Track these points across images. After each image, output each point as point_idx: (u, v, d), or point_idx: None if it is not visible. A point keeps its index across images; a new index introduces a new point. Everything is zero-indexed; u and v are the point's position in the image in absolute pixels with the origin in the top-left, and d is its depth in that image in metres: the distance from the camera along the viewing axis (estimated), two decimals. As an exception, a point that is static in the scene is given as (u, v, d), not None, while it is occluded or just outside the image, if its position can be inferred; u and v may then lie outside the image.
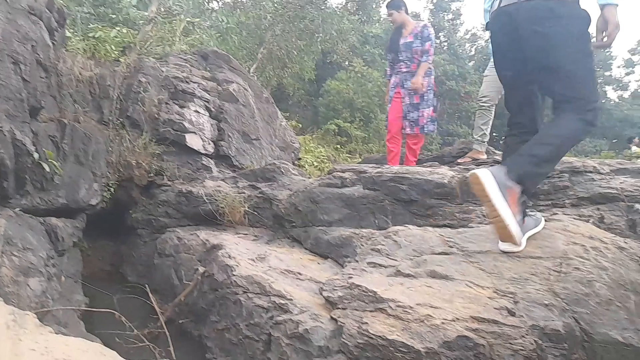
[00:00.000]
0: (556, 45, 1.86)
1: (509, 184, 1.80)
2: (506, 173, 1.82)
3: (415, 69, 4.43)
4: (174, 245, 3.26)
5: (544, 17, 1.87)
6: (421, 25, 4.48)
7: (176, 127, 4.33)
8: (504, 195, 1.77)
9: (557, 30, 1.85)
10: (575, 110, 1.87)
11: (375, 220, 3.04)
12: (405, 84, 4.44)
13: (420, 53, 4.39)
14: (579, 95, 1.88)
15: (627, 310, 1.59)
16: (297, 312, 1.96)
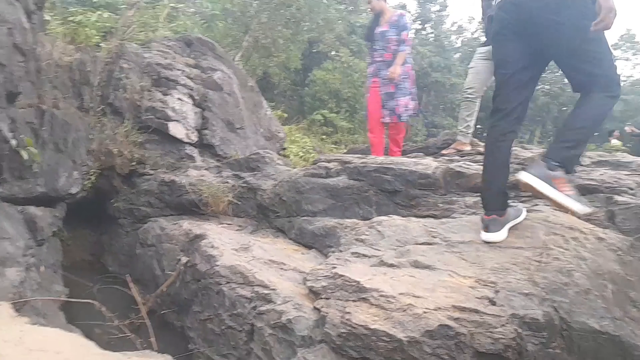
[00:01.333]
0: (576, 30, 1.90)
1: (553, 174, 1.94)
2: (546, 166, 1.96)
3: (389, 58, 4.38)
4: (156, 235, 3.22)
5: (557, 5, 1.92)
6: (397, 14, 4.42)
7: (159, 115, 4.25)
8: (553, 187, 1.93)
9: (573, 16, 1.90)
10: (602, 88, 1.96)
11: (359, 211, 3.04)
12: (380, 73, 4.40)
13: (396, 42, 4.33)
14: (605, 72, 1.96)
15: (604, 299, 1.62)
16: (281, 302, 1.95)
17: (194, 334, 2.34)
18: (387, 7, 4.49)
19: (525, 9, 2.00)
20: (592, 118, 1.99)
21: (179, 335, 2.54)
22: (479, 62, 4.03)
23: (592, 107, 1.98)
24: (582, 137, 2.01)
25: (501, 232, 2.05)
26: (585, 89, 2.01)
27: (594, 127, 2.01)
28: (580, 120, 2.00)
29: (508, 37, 2.10)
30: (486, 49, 3.98)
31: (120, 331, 2.40)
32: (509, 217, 2.08)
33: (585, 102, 2.00)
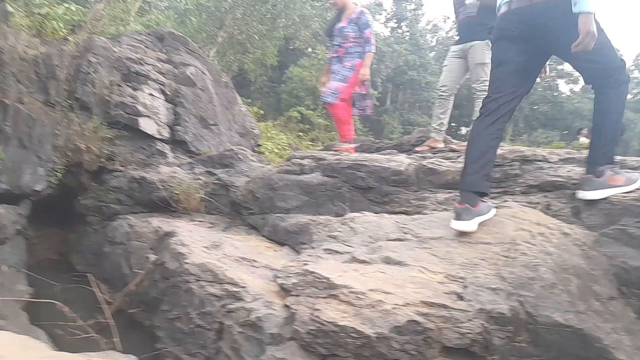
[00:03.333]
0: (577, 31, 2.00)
1: (603, 178, 2.15)
2: (594, 176, 2.18)
3: (341, 53, 4.37)
4: (125, 233, 3.14)
5: (560, 12, 2.04)
6: (357, 12, 4.38)
7: (129, 111, 4.15)
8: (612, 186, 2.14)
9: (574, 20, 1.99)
10: (613, 82, 2.14)
11: (333, 207, 3.04)
12: (333, 68, 4.40)
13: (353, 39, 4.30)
14: (613, 63, 2.14)
15: (569, 293, 1.65)
16: (250, 299, 1.93)
17: (162, 333, 2.29)
18: (349, 4, 4.46)
19: (530, 17, 2.15)
20: (615, 117, 2.19)
21: (147, 334, 2.48)
22: (452, 60, 4.08)
23: (612, 106, 2.18)
24: (615, 134, 2.22)
25: (472, 222, 2.08)
26: (595, 82, 2.18)
27: (619, 121, 2.22)
28: (607, 123, 2.20)
29: (508, 43, 2.26)
30: (459, 47, 4.03)
31: (86, 331, 2.33)
32: (481, 210, 2.12)
33: (603, 104, 2.19)
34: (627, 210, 2.06)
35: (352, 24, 4.33)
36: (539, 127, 23.37)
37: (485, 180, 2.21)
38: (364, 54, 4.34)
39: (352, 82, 4.32)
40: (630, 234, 1.92)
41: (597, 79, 2.18)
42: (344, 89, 4.30)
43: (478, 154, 2.21)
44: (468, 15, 3.90)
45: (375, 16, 22.03)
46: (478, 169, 2.19)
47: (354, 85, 4.34)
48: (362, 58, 4.34)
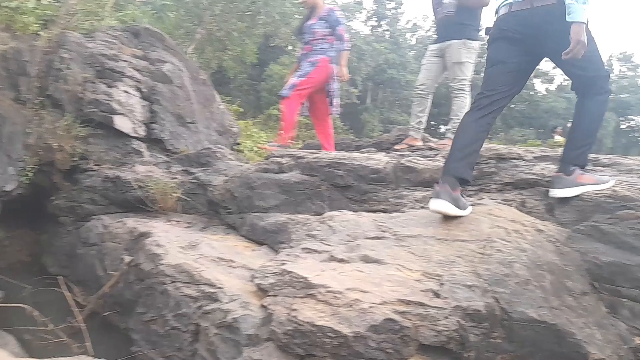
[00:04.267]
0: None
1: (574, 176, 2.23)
2: (564, 174, 2.25)
3: (308, 50, 4.38)
4: (99, 234, 3.07)
5: (558, 18, 2.10)
6: (327, 9, 4.37)
7: (103, 108, 4.04)
8: (581, 184, 2.20)
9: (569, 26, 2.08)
10: (598, 89, 2.26)
11: (312, 206, 3.03)
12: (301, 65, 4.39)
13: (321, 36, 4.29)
14: (600, 72, 2.26)
15: (542, 289, 1.68)
16: (227, 300, 1.90)
17: (137, 335, 2.24)
18: (320, 3, 4.43)
19: (529, 20, 2.23)
20: (594, 120, 2.30)
21: (122, 337, 2.43)
22: (430, 59, 4.11)
23: (591, 111, 2.28)
24: (590, 139, 2.32)
25: (449, 205, 2.10)
26: (580, 88, 2.29)
27: (598, 125, 2.32)
28: (584, 126, 2.30)
29: (506, 44, 2.33)
30: (437, 46, 4.06)
31: (57, 336, 2.27)
32: (459, 200, 2.15)
33: (584, 107, 2.29)
34: (599, 207, 2.11)
35: (321, 21, 4.32)
36: (516, 126, 23.86)
37: (468, 169, 2.27)
38: (328, 51, 4.31)
39: (311, 77, 4.28)
40: (602, 230, 1.96)
41: (583, 86, 2.28)
42: (301, 83, 4.26)
43: (465, 143, 2.28)
44: (446, 15, 3.93)
45: (355, 15, 22.13)
46: (463, 157, 2.25)
47: (314, 81, 4.29)
48: (325, 54, 4.30)
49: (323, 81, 4.34)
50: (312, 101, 4.56)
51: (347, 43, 4.34)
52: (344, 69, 4.33)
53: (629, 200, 2.05)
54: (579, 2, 2.04)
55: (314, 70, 4.27)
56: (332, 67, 4.34)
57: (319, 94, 4.43)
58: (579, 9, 2.04)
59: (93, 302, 2.66)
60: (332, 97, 4.39)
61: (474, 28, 3.93)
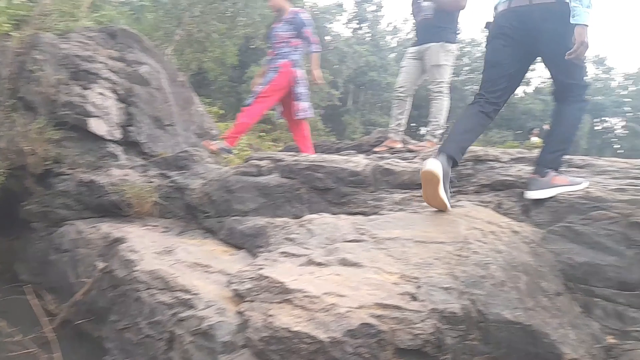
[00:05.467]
0: (565, 40, 2.18)
1: (548, 178, 2.27)
2: (539, 176, 2.30)
3: (272, 55, 4.36)
4: (72, 240, 2.99)
5: (555, 16, 2.21)
6: (292, 12, 4.31)
7: (78, 111, 3.95)
8: (555, 186, 2.24)
9: (565, 28, 2.17)
10: (574, 96, 2.32)
11: (291, 209, 3.00)
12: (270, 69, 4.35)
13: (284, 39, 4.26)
14: (579, 82, 2.32)
15: (518, 291, 1.69)
16: (203, 307, 1.86)
17: (111, 344, 2.19)
18: (286, 6, 4.39)
19: (526, 17, 2.28)
20: (570, 127, 2.37)
21: (96, 345, 2.37)
22: (409, 61, 4.13)
23: (569, 117, 2.35)
24: (565, 144, 2.38)
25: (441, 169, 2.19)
26: (560, 93, 2.36)
27: (573, 133, 2.40)
28: (561, 132, 2.37)
29: (503, 43, 2.40)
30: (416, 48, 4.09)
31: (25, 346, 2.19)
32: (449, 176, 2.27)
33: (561, 113, 2.37)
34: (573, 208, 2.14)
35: (285, 24, 4.27)
36: (494, 127, 24.22)
37: (459, 152, 2.35)
38: (290, 54, 4.26)
39: (274, 84, 4.24)
40: (575, 231, 1.99)
41: (563, 91, 2.34)
42: (263, 92, 4.23)
43: (463, 129, 2.42)
44: (424, 18, 3.96)
45: (336, 17, 22.23)
46: (457, 140, 2.37)
47: (276, 87, 4.25)
48: (287, 58, 4.26)
49: (287, 86, 4.27)
50: (285, 105, 4.51)
51: (316, 45, 4.28)
52: (317, 71, 4.29)
53: (602, 201, 2.08)
54: (584, 5, 2.12)
55: (275, 77, 4.23)
56: (296, 70, 4.27)
57: (290, 98, 4.37)
58: (583, 12, 2.12)
59: (65, 311, 2.58)
60: (298, 100, 4.30)
61: (452, 31, 3.97)
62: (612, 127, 36.95)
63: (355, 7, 20.26)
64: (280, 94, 4.30)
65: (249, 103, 4.28)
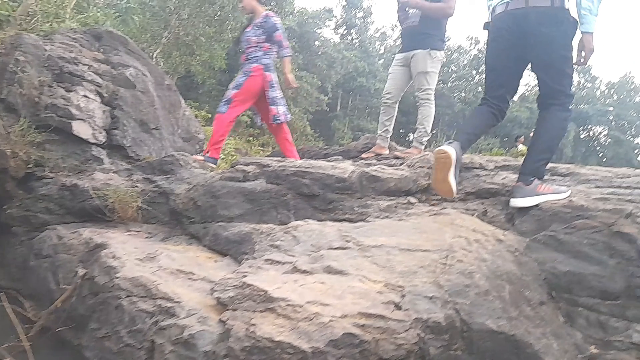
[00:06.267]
0: (556, 46, 2.29)
1: (532, 186, 2.30)
2: (523, 184, 2.33)
3: (244, 60, 4.34)
4: (52, 245, 2.92)
5: (549, 21, 2.27)
6: (263, 15, 4.29)
7: (61, 113, 3.88)
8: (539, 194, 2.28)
9: (558, 33, 2.28)
10: (558, 103, 2.36)
11: (277, 215, 2.98)
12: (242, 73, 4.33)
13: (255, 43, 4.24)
14: (564, 89, 2.36)
15: (501, 300, 1.69)
16: (184, 315, 1.83)
17: (90, 353, 2.13)
18: (258, 8, 4.36)
19: (522, 19, 2.34)
20: (554, 136, 2.41)
21: (75, 354, 2.31)
22: (396, 68, 4.15)
23: (552, 126, 2.39)
24: (549, 153, 2.41)
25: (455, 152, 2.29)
26: (545, 99, 2.41)
27: (557, 141, 2.44)
28: (545, 140, 2.40)
29: (501, 46, 2.48)
30: (402, 55, 4.11)
31: (1, 355, 2.13)
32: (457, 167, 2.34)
33: (545, 121, 2.41)
34: (556, 217, 2.15)
35: (255, 28, 4.26)
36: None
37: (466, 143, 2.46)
38: (262, 59, 4.24)
39: (245, 88, 4.21)
40: (559, 240, 2.01)
41: (549, 97, 2.39)
42: (234, 96, 4.21)
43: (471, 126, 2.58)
44: (410, 25, 3.99)
45: (325, 22, 22.31)
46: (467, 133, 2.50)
47: (248, 92, 4.23)
48: (259, 62, 4.23)
49: (259, 90, 4.24)
50: (262, 110, 4.47)
51: (287, 49, 4.25)
52: (289, 75, 4.27)
53: (585, 210, 2.10)
54: (593, 14, 2.23)
55: (247, 80, 4.20)
56: (268, 74, 4.24)
57: (265, 102, 4.33)
58: (592, 21, 2.24)
59: (44, 318, 2.52)
60: (273, 104, 4.26)
61: (439, 38, 4.00)
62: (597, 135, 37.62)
63: (343, 12, 20.36)
64: (253, 98, 4.27)
65: (223, 110, 4.24)
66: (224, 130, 4.32)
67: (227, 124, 4.30)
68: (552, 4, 2.27)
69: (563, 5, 2.29)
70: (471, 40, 34.27)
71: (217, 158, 4.35)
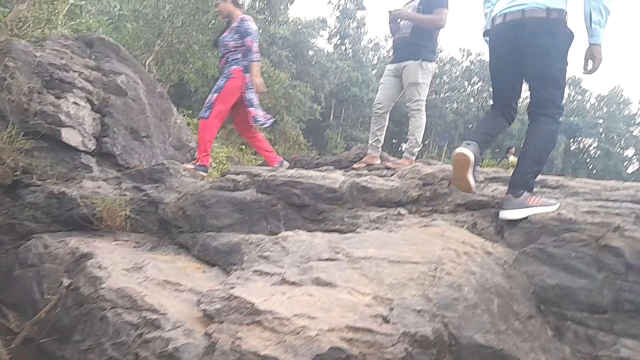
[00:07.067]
0: (550, 57, 2.34)
1: (522, 199, 2.31)
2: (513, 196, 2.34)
3: (223, 64, 4.34)
4: (38, 254, 2.88)
5: (544, 32, 2.32)
6: (239, 19, 4.27)
7: (50, 120, 3.85)
8: (529, 207, 2.28)
9: (552, 44, 2.33)
10: (548, 114, 2.39)
11: (267, 225, 2.96)
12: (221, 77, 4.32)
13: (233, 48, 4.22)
14: (555, 100, 2.39)
15: (490, 314, 1.68)
16: (170, 328, 1.80)
17: (73, 366, 2.09)
18: (235, 12, 4.35)
19: (520, 29, 2.38)
20: (543, 149, 2.42)
21: (59, 367, 2.26)
22: (387, 78, 4.17)
23: (542, 138, 2.41)
24: (538, 166, 2.42)
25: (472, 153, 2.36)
26: (535, 109, 2.44)
27: (546, 153, 2.45)
28: (534, 153, 2.41)
29: (501, 56, 2.54)
30: (394, 66, 4.12)
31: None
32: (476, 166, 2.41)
33: (535, 134, 2.42)
34: (545, 229, 2.16)
35: (232, 32, 4.26)
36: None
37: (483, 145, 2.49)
38: (241, 61, 4.24)
39: (226, 91, 4.20)
40: (548, 253, 2.01)
41: (539, 107, 2.42)
42: (216, 100, 4.20)
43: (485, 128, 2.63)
44: (402, 36, 4.01)
45: (319, 32, 22.48)
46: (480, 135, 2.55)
47: (229, 94, 4.22)
48: (238, 65, 4.23)
49: (239, 92, 4.24)
50: (237, 115, 4.46)
51: (256, 54, 4.21)
52: (258, 79, 4.23)
53: (574, 223, 2.11)
54: (602, 27, 2.29)
55: (227, 83, 4.19)
56: (247, 76, 4.24)
57: (242, 107, 4.31)
58: (601, 33, 2.31)
59: (28, 329, 2.47)
60: (250, 106, 4.24)
61: (431, 50, 4.02)
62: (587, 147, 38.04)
63: (337, 22, 20.51)
64: (234, 100, 4.26)
65: (205, 115, 4.23)
66: (210, 136, 4.29)
67: (213, 129, 4.28)
68: (548, 15, 2.32)
69: (559, 17, 2.34)
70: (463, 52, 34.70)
71: (208, 166, 4.33)
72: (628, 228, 1.99)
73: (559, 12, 2.33)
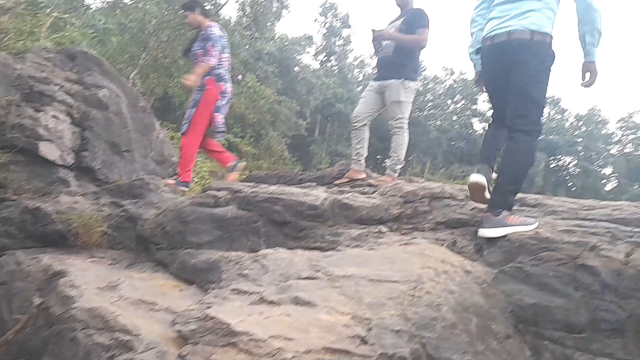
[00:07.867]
0: (531, 76, 2.43)
1: (501, 217, 2.34)
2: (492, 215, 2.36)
3: None
4: (9, 272, 2.79)
5: (526, 52, 2.42)
6: (204, 27, 4.25)
7: (28, 133, 3.79)
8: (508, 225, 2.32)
9: (532, 64, 2.42)
10: (523, 130, 2.43)
11: (247, 242, 2.92)
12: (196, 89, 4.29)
13: (201, 56, 4.18)
14: (530, 115, 2.45)
15: (468, 333, 1.67)
16: (142, 349, 1.75)
17: (41, 389, 2.01)
18: (203, 21, 4.32)
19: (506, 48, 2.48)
20: (521, 166, 2.47)
21: (26, 390, 2.17)
22: (368, 93, 4.21)
23: (520, 156, 2.46)
24: (516, 183, 2.46)
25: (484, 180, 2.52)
26: (510, 127, 2.50)
27: (525, 171, 2.49)
28: (512, 172, 2.46)
29: (491, 75, 2.68)
30: (377, 83, 4.16)
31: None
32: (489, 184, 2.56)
33: (512, 153, 2.48)
34: (523, 248, 2.17)
35: (200, 41, 4.24)
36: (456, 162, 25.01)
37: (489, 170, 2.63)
38: (213, 70, 4.17)
39: (202, 104, 4.17)
40: (526, 272, 2.01)
41: (514, 122, 2.48)
42: (194, 115, 4.17)
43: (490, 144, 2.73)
44: (384, 55, 4.06)
45: (305, 49, 22.72)
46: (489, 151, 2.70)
47: (206, 107, 4.18)
48: (210, 75, 4.17)
49: (215, 102, 4.21)
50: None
51: (212, 58, 4.12)
52: (193, 77, 4.14)
53: (551, 242, 2.13)
54: (595, 47, 2.45)
55: (203, 96, 4.17)
56: (221, 84, 4.22)
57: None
58: (594, 52, 2.47)
59: (-5, 350, 2.37)
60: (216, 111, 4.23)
61: (413, 69, 4.07)
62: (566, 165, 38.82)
63: (323, 39, 20.77)
64: (211, 111, 4.22)
65: (185, 130, 4.19)
66: (191, 151, 4.25)
67: (194, 144, 4.24)
68: (532, 37, 2.41)
69: (543, 40, 2.43)
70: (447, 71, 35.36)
71: (190, 181, 4.28)
72: (604, 247, 2.01)
73: (543, 35, 2.43)
